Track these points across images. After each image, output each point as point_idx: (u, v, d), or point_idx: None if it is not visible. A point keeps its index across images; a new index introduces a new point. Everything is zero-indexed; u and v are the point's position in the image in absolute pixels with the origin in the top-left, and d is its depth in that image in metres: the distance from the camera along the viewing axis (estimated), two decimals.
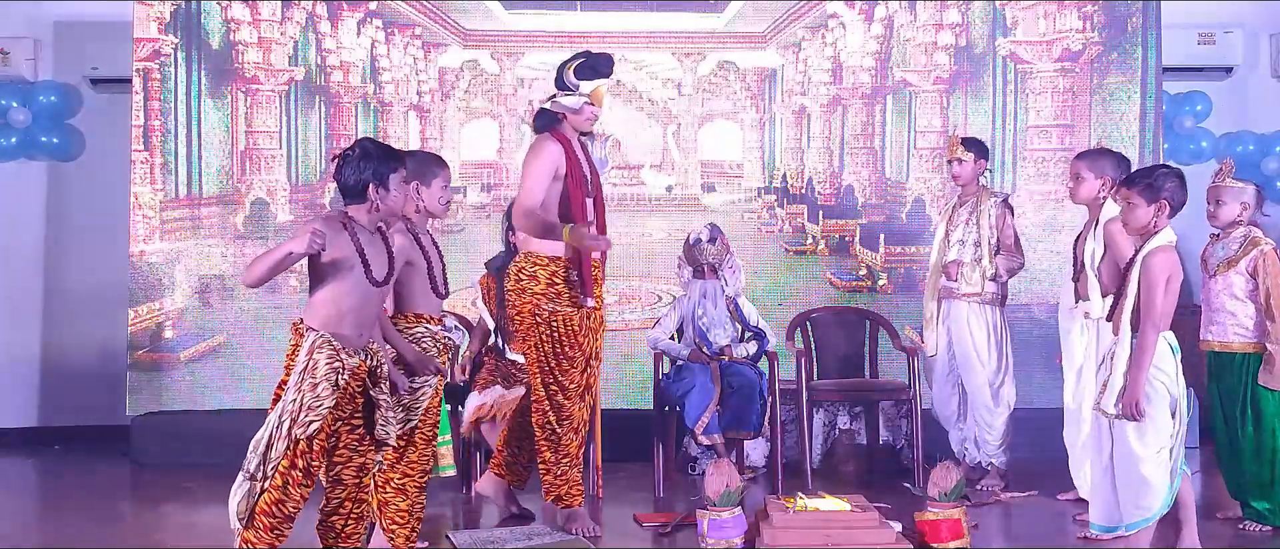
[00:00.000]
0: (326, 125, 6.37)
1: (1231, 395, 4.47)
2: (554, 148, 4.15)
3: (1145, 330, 3.70)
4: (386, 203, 3.41)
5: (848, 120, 6.42)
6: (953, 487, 4.16)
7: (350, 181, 3.38)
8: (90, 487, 5.54)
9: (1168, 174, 3.85)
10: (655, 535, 4.40)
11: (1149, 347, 3.70)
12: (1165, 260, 3.74)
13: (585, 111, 4.20)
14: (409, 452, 3.72)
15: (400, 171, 3.44)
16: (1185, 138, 6.82)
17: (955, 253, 5.07)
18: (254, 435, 3.33)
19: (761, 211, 6.43)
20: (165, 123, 6.22)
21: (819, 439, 5.77)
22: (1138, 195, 3.81)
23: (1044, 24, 6.29)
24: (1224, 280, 4.45)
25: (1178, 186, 3.81)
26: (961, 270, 4.99)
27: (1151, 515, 3.76)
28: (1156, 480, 3.73)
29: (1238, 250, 4.45)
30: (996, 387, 5.05)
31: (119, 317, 6.19)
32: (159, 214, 6.21)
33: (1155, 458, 3.73)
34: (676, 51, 6.51)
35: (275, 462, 3.26)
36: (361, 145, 3.45)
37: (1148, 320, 3.70)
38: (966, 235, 5.06)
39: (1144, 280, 3.73)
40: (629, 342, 6.14)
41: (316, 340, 3.28)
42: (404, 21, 6.40)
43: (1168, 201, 3.78)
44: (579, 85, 4.18)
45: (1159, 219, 3.78)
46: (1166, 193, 3.77)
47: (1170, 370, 3.77)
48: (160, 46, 6.21)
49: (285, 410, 3.27)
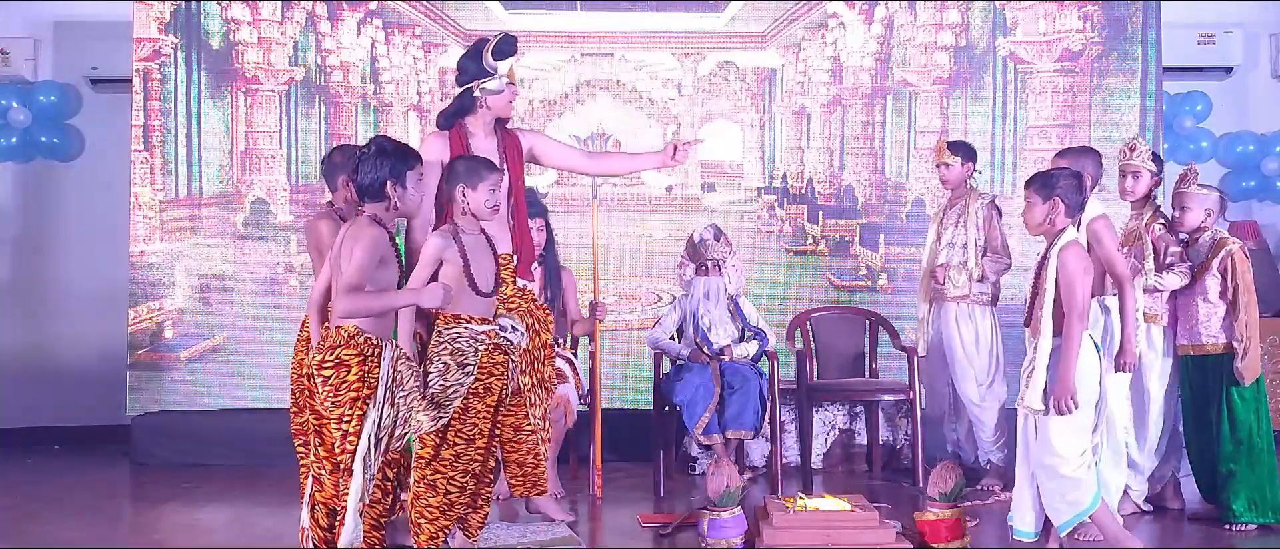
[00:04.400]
0: (326, 125, 6.37)
1: (1206, 398, 4.50)
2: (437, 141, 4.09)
3: (1071, 326, 3.72)
4: (405, 201, 3.42)
5: (848, 120, 6.42)
6: (952, 487, 4.17)
7: (367, 180, 3.39)
8: (90, 487, 5.54)
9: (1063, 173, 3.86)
10: (656, 536, 4.40)
11: (1075, 342, 3.71)
12: (1079, 254, 3.77)
13: (506, 93, 4.13)
14: (443, 449, 3.71)
15: (417, 169, 3.45)
16: (1185, 138, 6.82)
17: (945, 255, 5.08)
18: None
19: (761, 211, 6.43)
20: (165, 123, 6.22)
21: (819, 439, 5.77)
22: (1033, 194, 3.84)
23: (1044, 24, 6.29)
24: (1200, 284, 4.49)
25: (1073, 186, 3.80)
26: (948, 274, 5.02)
27: (1084, 510, 3.76)
28: (1083, 477, 3.75)
29: (1206, 254, 4.50)
30: (986, 387, 5.06)
31: (119, 317, 6.20)
32: (159, 214, 6.21)
33: (1079, 458, 3.75)
34: (676, 51, 6.51)
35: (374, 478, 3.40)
36: (377, 143, 3.45)
37: (1073, 316, 3.72)
38: (956, 237, 5.08)
39: (1062, 277, 3.74)
40: (629, 342, 6.14)
41: (397, 354, 3.41)
42: (404, 21, 6.40)
43: (1062, 200, 3.78)
44: (497, 67, 4.10)
45: (1054, 217, 3.78)
46: (1060, 191, 3.79)
47: (1093, 367, 3.78)
48: (160, 46, 6.21)
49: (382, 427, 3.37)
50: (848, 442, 5.83)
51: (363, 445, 3.32)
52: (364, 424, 3.33)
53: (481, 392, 3.75)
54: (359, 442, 3.33)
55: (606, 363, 5.68)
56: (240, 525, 4.77)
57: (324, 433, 3.43)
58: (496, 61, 4.09)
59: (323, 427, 3.43)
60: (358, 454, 3.32)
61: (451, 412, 3.65)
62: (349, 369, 3.33)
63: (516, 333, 3.82)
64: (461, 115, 4.13)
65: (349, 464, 3.33)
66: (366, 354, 3.34)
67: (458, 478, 3.73)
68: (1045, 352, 3.76)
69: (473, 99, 4.12)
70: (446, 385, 3.62)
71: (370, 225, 3.37)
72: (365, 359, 3.33)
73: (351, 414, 3.33)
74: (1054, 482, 3.78)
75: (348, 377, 3.33)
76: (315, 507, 3.47)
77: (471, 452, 3.77)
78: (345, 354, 3.34)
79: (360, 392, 3.33)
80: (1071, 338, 3.72)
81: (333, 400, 3.34)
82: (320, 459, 3.46)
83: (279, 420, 5.87)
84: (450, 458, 3.67)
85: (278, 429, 5.76)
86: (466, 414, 3.70)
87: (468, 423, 3.73)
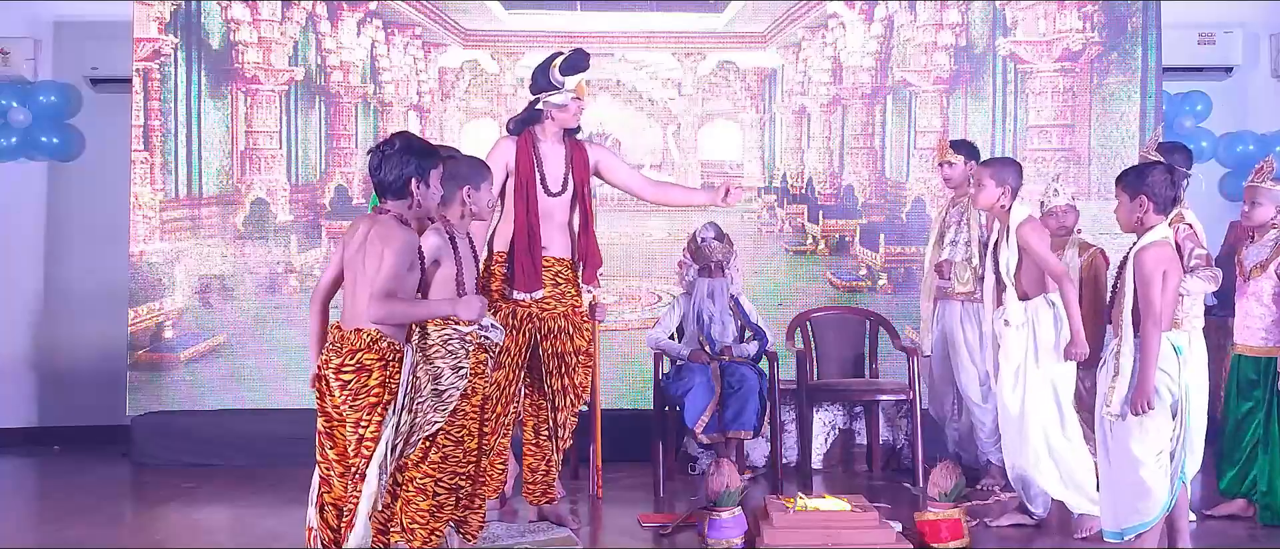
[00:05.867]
0: (327, 125, 6.37)
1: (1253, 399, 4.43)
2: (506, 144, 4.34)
3: (1147, 329, 3.66)
4: (428, 200, 3.39)
5: (848, 120, 6.42)
6: (952, 487, 4.16)
7: (390, 178, 3.33)
8: (90, 487, 5.53)
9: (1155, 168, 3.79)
10: (656, 536, 4.40)
11: (1153, 345, 3.65)
12: (1158, 256, 3.69)
13: (572, 107, 4.33)
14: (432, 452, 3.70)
15: (440, 167, 3.43)
16: (1186, 138, 6.79)
17: (948, 253, 5.07)
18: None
19: (761, 211, 6.43)
20: (165, 123, 6.22)
21: (819, 439, 5.77)
22: (1121, 191, 3.78)
23: (1044, 24, 6.29)
24: (1255, 284, 4.40)
25: (1163, 182, 3.72)
26: (953, 269, 4.99)
27: (1150, 520, 3.73)
28: (1156, 485, 3.70)
29: (1270, 253, 4.39)
30: (988, 385, 5.05)
31: (119, 317, 6.19)
32: (159, 214, 6.21)
33: (1155, 460, 3.70)
34: (676, 51, 6.51)
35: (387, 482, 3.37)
36: (402, 139, 3.41)
37: (1148, 319, 3.66)
38: (959, 236, 5.06)
39: (1138, 278, 3.68)
40: (629, 342, 6.14)
41: (416, 358, 3.38)
42: (404, 21, 6.40)
43: (1149, 197, 3.71)
44: (564, 82, 4.29)
45: (1143, 215, 3.72)
46: (1148, 188, 3.71)
47: (1171, 371, 3.73)
48: (160, 46, 6.21)
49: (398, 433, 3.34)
50: (848, 442, 5.83)
51: (380, 451, 3.29)
52: (382, 429, 3.30)
53: (469, 393, 3.75)
54: (376, 447, 3.31)
55: (606, 363, 5.68)
56: (240, 526, 4.76)
57: (335, 435, 3.39)
58: (564, 76, 4.30)
59: (334, 429, 3.39)
60: (374, 459, 3.30)
61: (448, 413, 3.64)
62: (370, 374, 3.29)
63: (496, 331, 3.82)
64: (530, 124, 4.37)
65: (362, 468, 3.31)
66: (388, 359, 3.30)
67: (446, 480, 3.72)
68: (1128, 353, 3.69)
69: (539, 111, 4.35)
70: (443, 388, 3.60)
71: (400, 227, 3.30)
72: (386, 364, 3.30)
73: (371, 419, 3.30)
74: (1129, 485, 3.72)
75: (368, 381, 3.29)
76: (324, 507, 3.45)
77: (460, 453, 3.76)
78: (367, 358, 3.29)
79: (381, 397, 3.30)
80: (1148, 339, 3.64)
81: (351, 404, 3.30)
82: (330, 461, 3.40)
83: (279, 420, 5.91)
84: (438, 460, 3.65)
85: (278, 429, 5.79)
86: (454, 416, 3.69)
87: (455, 425, 3.72)
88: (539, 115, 4.35)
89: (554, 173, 4.33)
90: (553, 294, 4.32)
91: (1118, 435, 3.74)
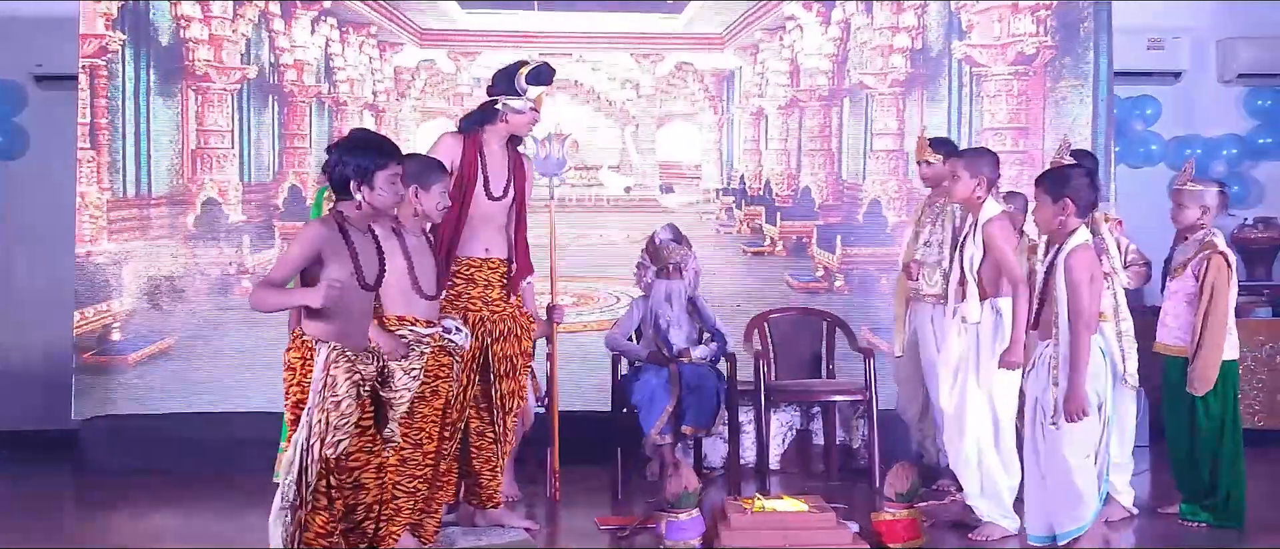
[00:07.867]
0: (280, 124, 6.28)
1: (1177, 398, 4.49)
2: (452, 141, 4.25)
3: (1079, 333, 3.65)
4: (374, 201, 3.32)
5: (805, 122, 6.44)
6: (908, 487, 4.18)
7: (334, 177, 3.31)
8: (36, 492, 5.42)
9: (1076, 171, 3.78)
10: (614, 538, 4.38)
11: (1084, 350, 3.65)
12: (1087, 260, 3.69)
13: (528, 116, 4.30)
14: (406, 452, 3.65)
15: (390, 168, 3.34)
16: (1136, 141, 6.92)
17: (921, 253, 5.04)
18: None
19: (719, 213, 6.43)
20: (113, 121, 6.10)
21: (777, 440, 5.78)
22: (1042, 192, 3.77)
23: (998, 27, 6.35)
24: (1177, 283, 4.47)
25: (1086, 185, 3.73)
26: (923, 270, 4.97)
27: (1084, 524, 3.75)
28: (1088, 490, 3.72)
29: (1193, 254, 4.45)
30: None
31: (65, 318, 6.06)
32: (106, 214, 6.09)
33: (1084, 463, 3.71)
34: (635, 52, 6.50)
35: (313, 485, 3.20)
36: (353, 137, 3.39)
37: (1079, 323, 3.65)
38: (933, 236, 5.03)
39: (1068, 283, 3.67)
40: (587, 343, 6.11)
41: (331, 354, 3.22)
42: (359, 20, 6.33)
43: (1073, 200, 3.70)
44: (527, 90, 4.26)
45: (1065, 217, 3.71)
46: (1072, 191, 3.70)
47: (1099, 373, 3.73)
48: (107, 43, 6.09)
49: (312, 432, 3.20)
50: (805, 442, 5.84)
51: (290, 452, 3.22)
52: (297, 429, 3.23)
53: (428, 395, 3.69)
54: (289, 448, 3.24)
55: (564, 365, 5.64)
56: (191, 531, 4.68)
57: None
58: (527, 85, 4.25)
59: None
60: (284, 459, 3.24)
61: (399, 416, 3.59)
62: (294, 372, 3.28)
63: (461, 334, 3.77)
64: (482, 124, 4.29)
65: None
66: (306, 357, 3.26)
67: (404, 483, 3.67)
68: (1063, 358, 3.67)
69: (495, 111, 4.28)
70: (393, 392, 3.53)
71: (318, 224, 3.29)
72: (305, 362, 3.26)
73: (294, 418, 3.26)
74: (1063, 491, 3.73)
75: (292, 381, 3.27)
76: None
77: (419, 456, 3.71)
78: (291, 357, 3.28)
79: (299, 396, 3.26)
80: (1080, 343, 3.64)
81: (287, 406, 3.29)
82: None
83: (231, 424, 5.81)
84: (396, 463, 3.60)
85: (229, 433, 5.69)
86: (412, 418, 3.64)
87: (414, 427, 3.67)
88: (494, 116, 4.29)
89: (497, 176, 4.28)
90: (500, 297, 4.27)
91: (1050, 441, 3.74)
